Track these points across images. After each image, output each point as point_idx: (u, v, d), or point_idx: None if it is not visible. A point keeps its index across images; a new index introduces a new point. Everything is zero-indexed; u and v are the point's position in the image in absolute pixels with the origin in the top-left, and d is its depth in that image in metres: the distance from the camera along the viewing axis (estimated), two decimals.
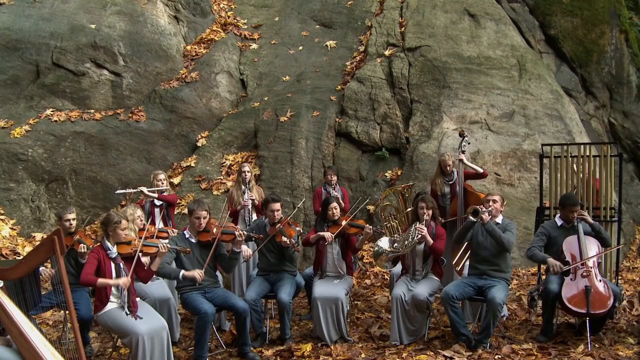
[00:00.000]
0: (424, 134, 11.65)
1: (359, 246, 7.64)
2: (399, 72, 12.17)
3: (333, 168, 9.81)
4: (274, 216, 7.54)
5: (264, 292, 7.40)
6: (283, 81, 12.96)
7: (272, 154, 11.74)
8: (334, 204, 7.65)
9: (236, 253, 6.97)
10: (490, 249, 7.02)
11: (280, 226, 7.43)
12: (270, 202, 7.57)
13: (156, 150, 12.19)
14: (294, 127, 11.85)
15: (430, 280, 7.28)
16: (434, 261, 7.34)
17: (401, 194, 8.96)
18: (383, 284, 9.70)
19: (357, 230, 7.51)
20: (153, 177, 8.93)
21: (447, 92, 11.90)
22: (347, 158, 11.74)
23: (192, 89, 12.66)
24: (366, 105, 12.03)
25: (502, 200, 7.25)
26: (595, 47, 13.85)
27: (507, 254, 7.08)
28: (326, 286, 7.38)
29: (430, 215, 7.32)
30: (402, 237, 7.39)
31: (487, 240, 7.05)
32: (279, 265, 7.54)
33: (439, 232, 7.35)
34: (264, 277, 7.56)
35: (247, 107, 12.64)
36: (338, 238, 7.55)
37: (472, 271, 7.16)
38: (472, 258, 7.22)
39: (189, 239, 6.98)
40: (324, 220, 7.73)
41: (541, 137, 11.54)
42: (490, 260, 7.03)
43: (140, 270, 6.49)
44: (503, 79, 12.09)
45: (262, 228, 7.66)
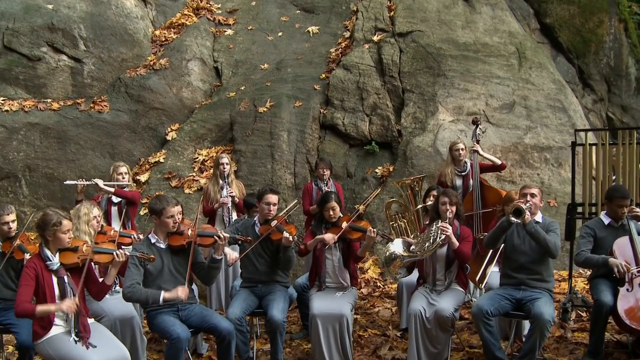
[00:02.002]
0: (417, 126, 10.16)
1: (362, 254, 6.10)
2: (389, 58, 10.66)
3: (326, 160, 8.24)
4: (269, 211, 5.97)
5: (250, 308, 5.79)
6: (261, 69, 11.36)
7: (251, 148, 10.15)
8: (333, 202, 6.08)
9: (217, 261, 5.36)
10: (529, 254, 5.53)
11: (277, 222, 5.85)
12: (268, 194, 5.98)
13: (121, 144, 10.52)
14: (274, 119, 10.28)
15: (454, 291, 5.76)
16: (458, 268, 5.81)
17: (410, 188, 7.40)
18: (382, 293, 8.13)
19: (359, 235, 5.96)
20: (113, 169, 7.31)
21: (442, 81, 10.42)
22: (333, 153, 10.19)
23: (161, 77, 10.98)
24: (354, 95, 10.50)
25: (541, 193, 5.74)
26: (593, 37, 12.51)
27: (549, 259, 5.58)
28: (327, 300, 5.81)
29: (453, 212, 5.79)
30: (420, 238, 5.84)
31: (524, 243, 5.55)
32: (270, 274, 5.95)
33: (465, 233, 5.83)
34: (250, 290, 5.96)
35: (222, 97, 11.01)
36: (339, 243, 5.99)
37: (507, 281, 5.65)
38: (506, 265, 5.71)
39: (157, 245, 5.35)
40: (321, 222, 6.16)
41: (543, 130, 10.17)
42: (530, 267, 5.53)
43: (92, 285, 4.87)
44: (502, 67, 10.66)
45: (250, 228, 6.06)
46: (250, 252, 5.87)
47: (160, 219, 5.32)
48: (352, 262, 6.12)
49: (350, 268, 6.06)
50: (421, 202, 7.22)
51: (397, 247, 5.81)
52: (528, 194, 5.63)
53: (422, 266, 5.91)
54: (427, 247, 5.61)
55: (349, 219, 6.06)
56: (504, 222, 5.45)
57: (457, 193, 6.13)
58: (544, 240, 5.32)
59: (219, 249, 5.32)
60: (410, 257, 5.73)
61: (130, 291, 5.01)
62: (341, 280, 6.01)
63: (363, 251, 6.04)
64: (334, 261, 6.03)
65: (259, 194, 6.10)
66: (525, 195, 5.62)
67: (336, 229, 5.99)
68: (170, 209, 5.29)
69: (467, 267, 6.00)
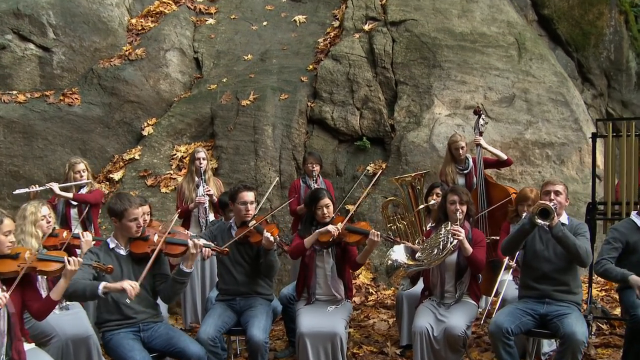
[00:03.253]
0: (412, 120, 9.22)
1: (362, 260, 5.10)
2: (381, 48, 9.71)
3: (315, 155, 7.28)
4: (246, 212, 4.99)
5: (226, 326, 4.82)
6: (244, 60, 10.37)
7: (232, 143, 9.18)
8: (326, 199, 5.12)
9: (184, 274, 4.37)
10: (554, 262, 4.60)
11: (256, 223, 4.87)
12: (242, 191, 5.00)
13: (93, 139, 9.50)
14: (258, 112, 9.31)
15: (465, 305, 4.83)
16: (470, 278, 4.86)
17: (411, 187, 6.42)
18: (376, 302, 7.17)
19: (358, 238, 4.99)
20: (69, 167, 6.37)
21: (438, 72, 9.48)
22: (322, 149, 9.22)
23: (137, 68, 9.96)
24: (343, 87, 9.54)
25: (566, 191, 4.81)
26: (592, 29, 11.62)
27: (576, 268, 4.65)
28: (317, 316, 4.85)
29: (464, 212, 4.85)
30: (427, 244, 4.88)
31: (548, 249, 4.62)
32: (250, 285, 4.99)
33: (478, 237, 4.90)
34: (226, 304, 4.98)
35: (202, 89, 10.02)
36: (332, 248, 5.02)
37: (527, 292, 4.72)
38: (526, 274, 4.77)
39: (116, 251, 4.37)
40: (311, 223, 5.19)
41: (545, 126, 9.28)
42: (555, 277, 4.60)
43: (33, 301, 3.88)
44: (501, 59, 9.74)
45: (226, 232, 5.08)
46: (227, 260, 4.89)
47: (121, 222, 4.34)
48: (348, 270, 5.15)
49: (345, 278, 5.11)
50: (423, 201, 6.26)
51: (399, 254, 4.86)
52: (552, 191, 4.70)
53: (428, 276, 4.97)
54: (435, 254, 4.66)
55: (343, 219, 5.09)
56: (526, 225, 4.51)
57: (467, 190, 5.19)
58: (574, 246, 4.39)
59: (189, 260, 4.33)
60: (415, 266, 4.79)
61: (70, 285, 3.98)
62: (334, 291, 5.05)
63: (364, 257, 5.07)
64: (325, 269, 5.07)
65: (231, 193, 5.14)
66: (549, 192, 4.69)
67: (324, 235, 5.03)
68: (133, 210, 4.32)
69: (479, 277, 5.06)
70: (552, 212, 4.33)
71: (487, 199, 6.63)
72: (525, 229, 4.53)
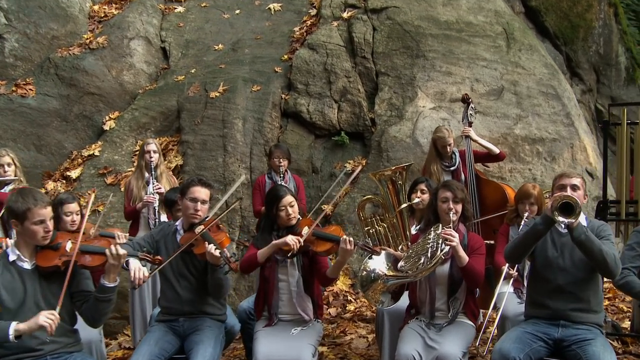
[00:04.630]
0: (394, 113, 8.19)
1: (333, 274, 4.06)
2: (361, 37, 8.68)
3: (282, 147, 6.24)
4: (195, 212, 3.91)
5: (165, 353, 3.76)
6: (215, 50, 9.29)
7: (199, 138, 8.12)
8: (289, 197, 4.06)
9: (107, 290, 3.29)
10: (572, 272, 3.59)
11: (203, 229, 3.79)
12: (194, 186, 3.94)
13: (49, 134, 8.43)
14: (228, 105, 8.25)
15: (460, 327, 3.80)
16: (467, 293, 3.83)
17: (391, 182, 5.32)
18: (355, 315, 6.11)
19: (328, 246, 3.94)
20: None
21: (422, 63, 8.46)
22: (297, 144, 8.19)
23: (98, 57, 8.86)
24: (320, 78, 8.50)
25: (584, 185, 3.79)
26: (581, 22, 10.66)
27: (598, 280, 3.63)
28: (279, 341, 3.81)
29: (459, 212, 3.82)
30: (412, 251, 3.84)
31: (563, 255, 3.61)
32: (196, 304, 3.91)
33: (475, 243, 3.88)
34: (168, 326, 3.91)
35: (169, 81, 8.93)
36: (299, 258, 3.96)
37: (537, 312, 3.69)
38: (535, 288, 3.75)
39: (18, 264, 3.29)
40: (271, 228, 4.13)
41: (535, 120, 8.28)
42: (572, 291, 3.58)
43: None
44: (488, 49, 8.74)
45: (171, 237, 4.00)
46: (169, 271, 3.82)
47: (24, 226, 3.25)
48: (317, 285, 4.10)
49: (313, 294, 4.06)
50: (405, 199, 5.19)
51: (378, 263, 3.82)
52: (568, 185, 3.68)
53: (414, 291, 3.94)
54: (422, 263, 3.64)
55: (311, 222, 4.03)
56: (539, 225, 3.48)
57: (462, 186, 4.15)
58: (600, 252, 3.37)
59: (110, 272, 3.25)
60: (397, 279, 3.75)
61: None
62: (300, 310, 4.01)
63: (335, 270, 4.03)
64: (290, 284, 4.02)
65: (181, 187, 4.06)
66: (564, 187, 3.67)
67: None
68: (38, 210, 3.24)
69: (477, 291, 4.02)
70: (577, 206, 3.30)
71: (479, 198, 5.64)
72: (537, 231, 3.50)
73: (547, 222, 3.45)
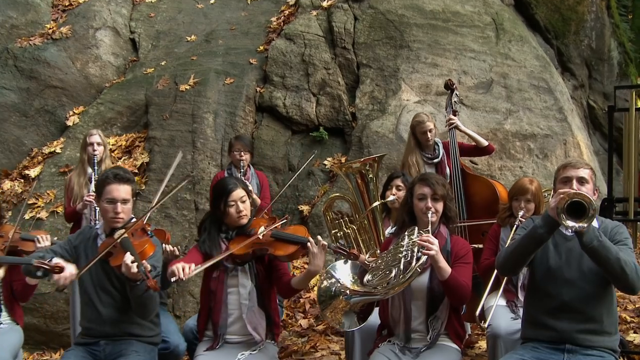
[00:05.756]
0: (376, 107, 7.45)
1: (300, 285, 3.28)
2: (341, 27, 7.93)
3: (244, 139, 5.49)
4: (114, 213, 3.17)
5: None
6: (187, 41, 8.53)
7: (167, 134, 7.37)
8: (239, 191, 3.30)
9: None
10: (580, 285, 2.84)
11: (124, 234, 3.00)
12: (110, 183, 3.17)
13: (7, 130, 7.68)
14: (198, 98, 7.50)
15: (442, 351, 3.07)
16: (450, 311, 3.05)
17: (360, 176, 4.44)
18: (328, 328, 5.32)
19: (291, 250, 3.17)
20: None
21: (406, 54, 7.73)
22: (272, 140, 7.46)
23: (61, 48, 8.09)
24: (297, 70, 7.75)
25: (594, 178, 3.02)
26: (573, 15, 9.93)
27: (612, 295, 2.87)
28: None
29: (439, 212, 3.05)
30: (382, 260, 3.05)
31: (569, 265, 2.86)
32: (121, 323, 3.13)
33: (460, 250, 3.13)
34: (87, 350, 3.14)
35: (137, 74, 8.17)
36: (251, 264, 3.19)
37: (537, 333, 2.96)
38: (535, 304, 2.98)
39: None
40: (219, 227, 3.35)
41: (526, 115, 7.58)
42: (580, 309, 2.83)
43: None
44: (477, 40, 8.02)
45: (90, 242, 3.23)
46: (89, 285, 3.05)
47: None
48: (274, 298, 3.32)
49: (269, 309, 3.28)
50: (378, 197, 4.36)
51: (342, 272, 3.03)
52: (575, 178, 2.92)
53: (385, 308, 3.16)
54: (394, 277, 2.85)
55: (266, 222, 3.26)
56: (540, 229, 2.73)
57: (444, 180, 3.36)
58: (617, 262, 2.62)
59: None
60: (363, 296, 2.96)
61: None
62: (250, 329, 3.23)
63: (305, 280, 3.27)
64: (241, 296, 3.25)
65: (96, 185, 3.28)
66: (569, 180, 2.91)
67: (245, 241, 3.20)
68: None
69: (464, 308, 3.24)
70: (590, 207, 2.54)
71: (465, 196, 4.87)
72: (538, 236, 2.75)
73: (549, 225, 2.70)
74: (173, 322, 3.79)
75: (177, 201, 6.88)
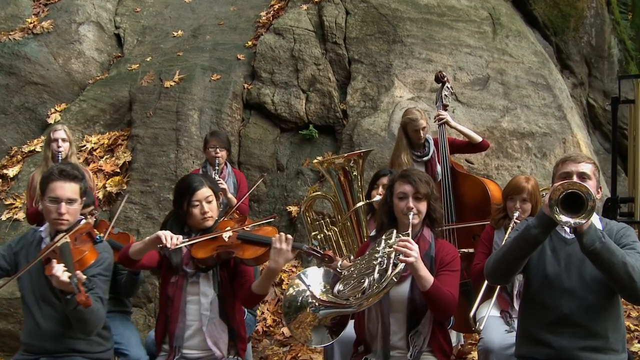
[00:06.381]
0: (367, 104, 7.09)
1: (261, 290, 2.88)
2: (332, 21, 7.58)
3: (220, 135, 5.12)
4: (57, 214, 2.81)
5: None
6: (174, 37, 8.18)
7: (151, 132, 7.01)
8: (205, 190, 2.94)
9: None
10: (582, 295, 2.46)
11: (62, 237, 2.63)
12: (55, 180, 2.84)
13: None
14: (183, 95, 7.15)
15: None
16: (433, 324, 2.67)
17: (343, 173, 4.04)
18: None
19: (259, 252, 2.79)
20: None
21: (400, 49, 7.37)
22: (260, 139, 7.10)
23: (42, 43, 7.75)
24: (287, 66, 7.38)
25: (598, 173, 2.64)
26: (572, 11, 9.55)
27: (619, 306, 2.49)
28: None
29: (422, 214, 2.67)
30: (353, 268, 2.67)
31: (569, 272, 2.48)
32: (64, 338, 2.75)
33: (446, 255, 2.76)
34: None
35: (121, 70, 7.82)
36: (215, 270, 2.82)
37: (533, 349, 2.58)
38: (530, 317, 2.60)
39: None
40: (182, 229, 2.98)
41: (524, 113, 7.21)
42: (583, 323, 2.45)
43: None
44: (473, 35, 7.66)
45: (33, 246, 2.88)
46: (29, 295, 2.68)
47: None
48: (238, 308, 2.95)
49: (232, 320, 2.90)
50: (363, 197, 3.96)
51: (313, 279, 2.65)
52: (575, 173, 2.54)
53: (361, 321, 2.78)
54: (368, 287, 2.45)
55: (235, 222, 2.89)
56: (533, 229, 2.36)
57: (430, 177, 2.99)
58: (624, 267, 2.24)
59: None
60: (333, 308, 2.57)
61: None
62: (211, 344, 2.85)
63: (264, 283, 2.87)
64: (201, 306, 2.87)
65: (41, 180, 2.91)
66: (570, 176, 2.53)
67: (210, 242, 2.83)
68: None
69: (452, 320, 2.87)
70: (589, 199, 2.16)
71: (455, 197, 4.49)
72: (531, 237, 2.37)
73: (544, 225, 2.32)
74: (135, 333, 3.43)
75: (159, 202, 6.53)
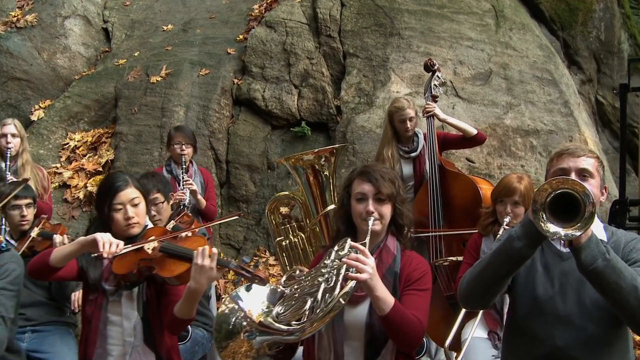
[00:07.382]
0: (363, 100, 6.65)
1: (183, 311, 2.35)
2: (326, 13, 7.13)
3: (185, 130, 4.73)
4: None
5: None
6: (163, 31, 7.78)
7: (135, 129, 6.61)
8: (131, 191, 2.51)
9: None
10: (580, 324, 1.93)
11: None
12: None
13: None
14: (170, 90, 6.74)
15: None
16: (397, 355, 2.16)
17: (312, 171, 3.55)
18: None
19: (182, 268, 2.29)
20: None
21: (397, 42, 6.91)
22: (249, 136, 6.67)
23: (26, 37, 7.37)
24: (278, 60, 6.95)
25: (601, 171, 2.13)
26: (580, 5, 9.03)
27: (627, 334, 1.96)
28: None
29: (386, 219, 2.18)
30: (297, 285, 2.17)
31: (564, 294, 1.96)
32: None
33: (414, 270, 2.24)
34: None
35: (108, 65, 7.42)
36: (140, 288, 2.34)
37: None
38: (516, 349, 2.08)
39: None
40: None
41: (529, 109, 6.73)
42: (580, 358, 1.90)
43: None
44: (474, 28, 7.20)
45: None
46: None
47: None
48: (166, 330, 2.46)
49: (160, 345, 2.42)
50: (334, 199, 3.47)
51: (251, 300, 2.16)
52: (573, 170, 2.04)
53: (311, 350, 2.29)
54: (309, 309, 1.97)
55: (164, 231, 2.43)
56: (516, 241, 1.86)
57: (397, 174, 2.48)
58: (634, 291, 1.73)
59: None
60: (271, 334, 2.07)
61: None
62: None
63: (186, 305, 2.34)
64: (124, 331, 2.39)
65: None
66: (567, 173, 2.03)
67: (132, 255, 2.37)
68: None
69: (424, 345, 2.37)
70: (587, 202, 1.67)
71: (443, 198, 3.97)
72: (515, 251, 1.88)
73: (530, 235, 1.83)
74: (73, 348, 2.99)
75: None
